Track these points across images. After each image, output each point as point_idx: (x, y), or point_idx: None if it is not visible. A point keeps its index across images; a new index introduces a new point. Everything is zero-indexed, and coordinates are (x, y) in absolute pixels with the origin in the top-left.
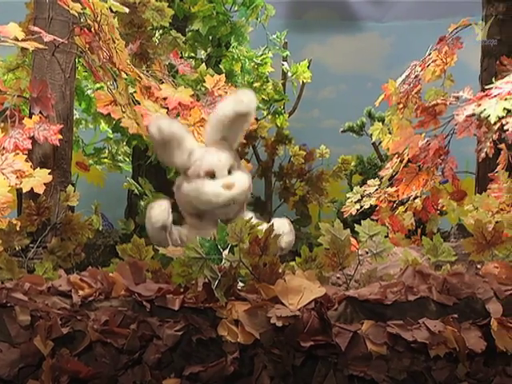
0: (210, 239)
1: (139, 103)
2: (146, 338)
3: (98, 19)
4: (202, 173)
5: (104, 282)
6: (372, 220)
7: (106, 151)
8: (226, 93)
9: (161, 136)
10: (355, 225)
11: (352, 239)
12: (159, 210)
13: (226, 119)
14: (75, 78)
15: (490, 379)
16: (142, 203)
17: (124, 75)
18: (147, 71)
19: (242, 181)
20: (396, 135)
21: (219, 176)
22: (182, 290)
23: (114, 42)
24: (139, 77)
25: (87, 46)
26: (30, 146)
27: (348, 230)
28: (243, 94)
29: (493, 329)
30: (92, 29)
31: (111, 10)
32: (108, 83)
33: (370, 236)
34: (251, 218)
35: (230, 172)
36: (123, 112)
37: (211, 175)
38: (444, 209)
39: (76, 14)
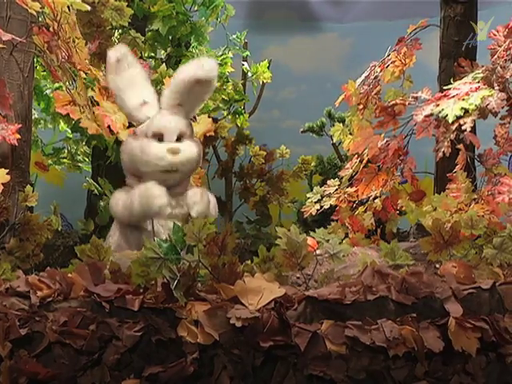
0: (167, 240)
1: (98, 104)
2: (105, 338)
3: (58, 18)
4: (150, 133)
5: (63, 283)
6: (332, 220)
7: (66, 151)
8: None
9: (116, 54)
10: (310, 232)
11: (312, 240)
12: (162, 193)
13: (184, 84)
14: (34, 78)
15: (448, 378)
16: (102, 203)
17: (83, 75)
18: (106, 71)
19: (189, 150)
20: (356, 136)
21: (167, 140)
22: (141, 290)
23: (74, 42)
24: (98, 77)
25: (46, 45)
26: None
27: (305, 234)
28: (205, 61)
29: (450, 330)
30: (51, 28)
31: (72, 9)
32: (66, 83)
33: (327, 240)
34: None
35: (179, 139)
36: (82, 112)
37: (159, 137)
38: (403, 209)
39: (34, 13)
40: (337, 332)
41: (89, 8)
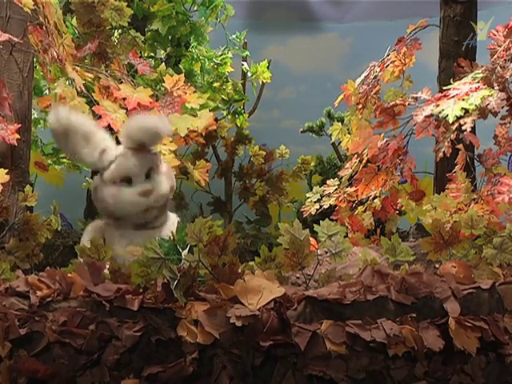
0: (168, 239)
1: (98, 103)
2: (104, 338)
3: (46, 12)
4: (117, 179)
5: (62, 283)
6: (331, 220)
7: None
8: (185, 93)
9: (60, 126)
10: (314, 225)
11: (312, 239)
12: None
13: (132, 136)
14: (33, 78)
15: (448, 378)
16: None
17: (73, 73)
18: (106, 71)
19: (160, 186)
20: (355, 135)
21: (136, 182)
22: (141, 290)
23: (61, 36)
24: (97, 77)
25: (39, 44)
26: None
27: (307, 230)
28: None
29: (450, 328)
30: (43, 26)
31: (70, 10)
32: (55, 82)
33: (329, 236)
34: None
35: (148, 176)
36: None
37: (128, 181)
38: (403, 209)
39: (29, 11)
40: (336, 332)
41: None
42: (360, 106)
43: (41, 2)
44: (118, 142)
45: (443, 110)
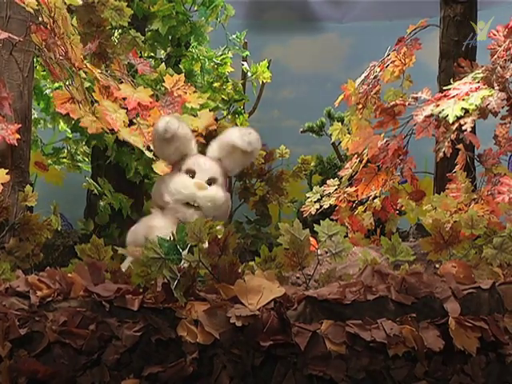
0: (169, 239)
1: (98, 103)
2: (104, 338)
3: (53, 14)
4: (184, 168)
5: (62, 283)
6: (331, 220)
7: (65, 151)
8: (186, 93)
9: (168, 134)
10: (315, 225)
11: (312, 239)
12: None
13: (223, 144)
14: (33, 78)
15: (448, 378)
16: (102, 203)
17: (83, 74)
18: (106, 71)
19: (215, 193)
20: (355, 135)
21: (198, 178)
22: (141, 290)
23: (69, 38)
24: (98, 76)
25: (44, 43)
26: None
27: (308, 230)
28: (249, 132)
29: (450, 328)
30: (48, 25)
31: (69, 10)
32: (66, 81)
33: (329, 236)
34: None
35: (210, 183)
36: (81, 109)
37: (191, 174)
38: (403, 209)
39: (33, 12)
40: (337, 332)
41: (80, 2)
42: (360, 105)
43: (45, 4)
44: (118, 142)
45: (443, 109)
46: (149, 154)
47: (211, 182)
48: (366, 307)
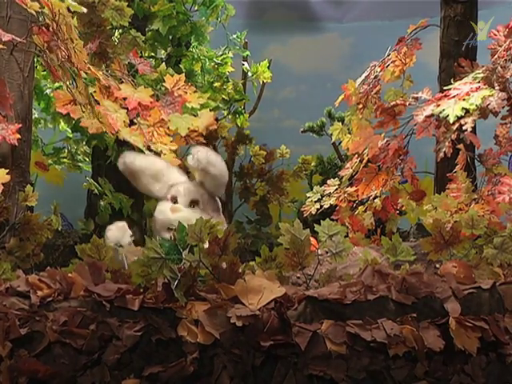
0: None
1: (98, 103)
2: (105, 338)
3: (57, 18)
4: (169, 196)
5: (63, 283)
6: (332, 220)
7: (66, 151)
8: (186, 93)
9: (126, 170)
10: (315, 225)
11: (312, 239)
12: (115, 230)
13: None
14: (34, 78)
15: (448, 378)
16: (102, 203)
17: (83, 75)
18: (107, 71)
19: (189, 214)
20: (356, 135)
21: (179, 202)
22: (141, 290)
23: (73, 42)
24: (100, 77)
25: (45, 44)
26: None
27: (308, 230)
28: (197, 151)
29: (451, 328)
30: (50, 28)
31: (69, 10)
32: (67, 82)
33: (330, 236)
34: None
35: (193, 206)
36: (83, 111)
37: (174, 200)
38: (403, 209)
39: (34, 13)
40: (337, 332)
41: (85, 10)
42: (360, 105)
43: (49, 8)
44: (118, 142)
45: (444, 109)
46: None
47: (193, 204)
48: (367, 307)
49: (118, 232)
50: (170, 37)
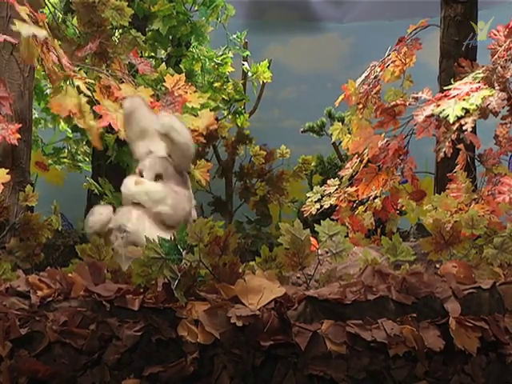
0: (170, 239)
1: (99, 103)
2: (105, 338)
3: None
4: (137, 170)
5: (63, 283)
6: (332, 220)
7: (66, 151)
8: (186, 92)
9: (125, 110)
10: (315, 225)
11: (312, 239)
12: (97, 216)
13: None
14: (34, 78)
15: (448, 378)
16: (102, 203)
17: (83, 74)
18: (107, 70)
19: (150, 186)
20: (356, 135)
21: (145, 176)
22: (141, 290)
23: (59, 39)
24: (98, 76)
25: (41, 46)
26: None
27: (308, 230)
28: (164, 115)
29: (451, 328)
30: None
31: (70, 10)
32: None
33: (330, 236)
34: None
35: (157, 179)
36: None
37: (141, 174)
38: (403, 209)
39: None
40: (337, 332)
41: None
42: (360, 105)
43: (32, 11)
44: (118, 142)
45: (444, 109)
46: None
47: (158, 178)
48: (367, 307)
49: (104, 216)
50: (170, 37)
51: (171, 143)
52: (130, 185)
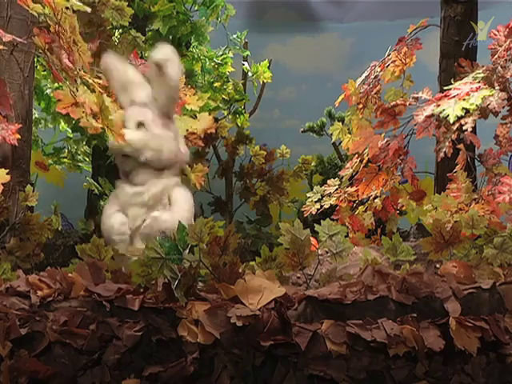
0: (169, 239)
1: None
2: (105, 338)
3: (59, 17)
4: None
5: (63, 283)
6: (332, 220)
7: (66, 151)
8: (186, 95)
9: (102, 65)
10: (315, 225)
11: (312, 239)
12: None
13: (150, 73)
14: (34, 78)
15: (448, 378)
16: (102, 203)
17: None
18: None
19: (133, 136)
20: (356, 135)
21: (127, 127)
22: (141, 290)
23: (76, 44)
24: (98, 77)
25: (46, 46)
26: None
27: (308, 230)
28: (162, 45)
29: (451, 328)
30: (51, 28)
31: (72, 11)
32: (68, 83)
33: (330, 236)
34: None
35: (139, 127)
36: (82, 114)
37: (124, 126)
38: (404, 208)
39: (36, 14)
40: (337, 332)
41: (89, 10)
42: (361, 105)
43: (52, 8)
44: None
45: (444, 109)
46: None
47: (140, 126)
48: (367, 307)
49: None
50: (170, 37)
51: (162, 77)
52: (114, 140)
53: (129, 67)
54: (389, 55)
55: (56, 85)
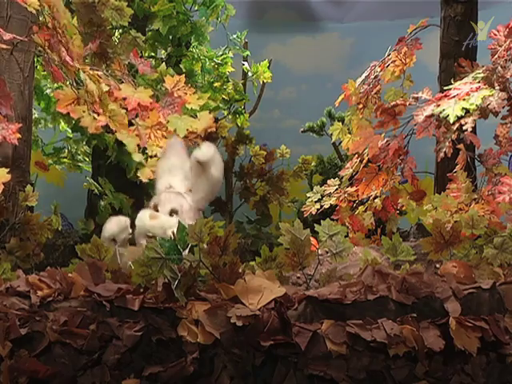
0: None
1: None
2: (105, 338)
3: (54, 10)
4: (151, 204)
5: (63, 283)
6: (332, 220)
7: (66, 151)
8: (186, 94)
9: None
10: (315, 225)
11: (312, 239)
12: (114, 223)
13: (191, 168)
14: (34, 78)
15: (448, 378)
16: (102, 203)
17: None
18: (107, 71)
19: (166, 221)
20: (356, 135)
21: (160, 211)
22: (141, 290)
23: (71, 37)
24: (98, 76)
25: (46, 43)
26: None
27: (308, 229)
28: (204, 145)
29: (451, 328)
30: (49, 23)
31: (70, 10)
32: (68, 82)
33: (330, 236)
34: None
35: (171, 214)
36: (84, 111)
37: (156, 209)
38: (403, 208)
39: (34, 12)
40: (337, 332)
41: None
42: (361, 105)
43: (48, 4)
44: (118, 142)
45: (444, 109)
46: (137, 158)
47: (172, 213)
48: (367, 307)
49: (116, 227)
50: (170, 37)
51: (203, 175)
52: (144, 218)
53: (184, 154)
54: (389, 55)
55: (56, 85)
